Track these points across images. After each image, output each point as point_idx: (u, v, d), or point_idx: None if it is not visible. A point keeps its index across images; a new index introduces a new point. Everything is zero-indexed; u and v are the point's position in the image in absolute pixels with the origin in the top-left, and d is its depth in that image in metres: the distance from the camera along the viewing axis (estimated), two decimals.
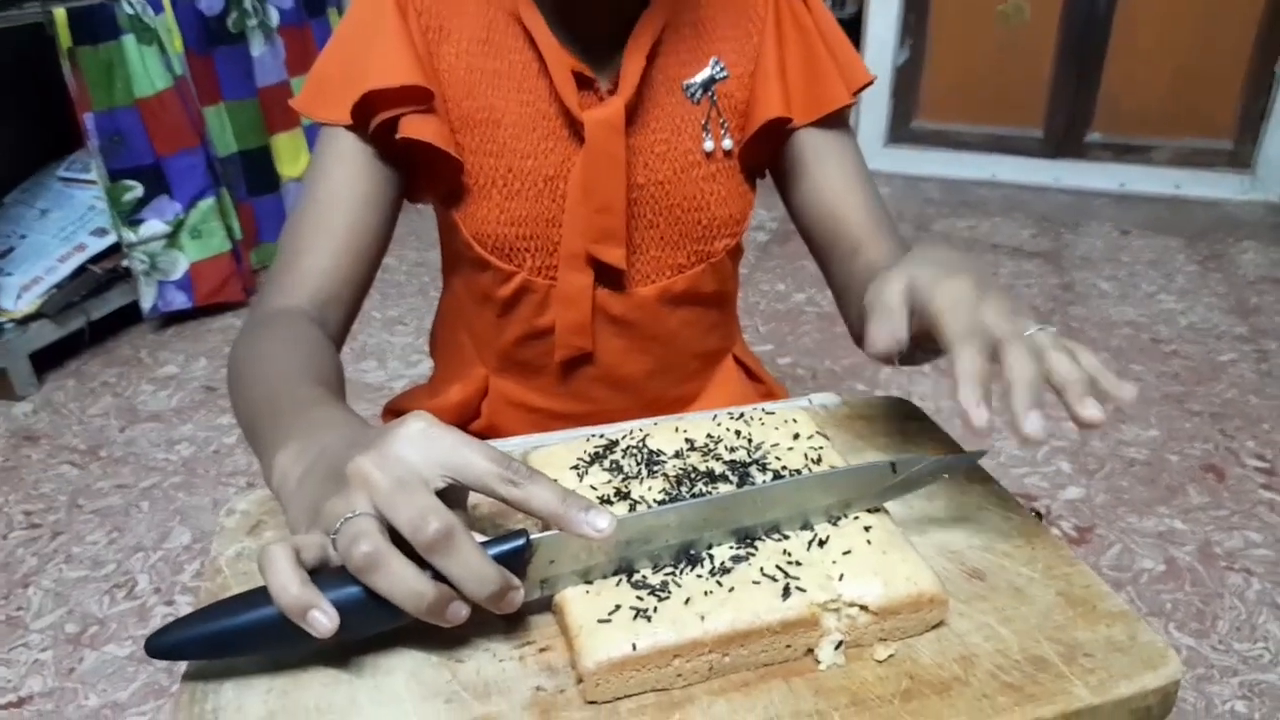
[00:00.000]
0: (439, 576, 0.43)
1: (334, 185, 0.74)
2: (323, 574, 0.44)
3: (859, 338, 0.75)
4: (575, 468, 0.57)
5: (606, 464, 0.57)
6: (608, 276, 0.79)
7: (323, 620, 0.42)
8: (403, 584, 0.42)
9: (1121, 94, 2.99)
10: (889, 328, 0.52)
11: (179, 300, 2.30)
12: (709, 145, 0.78)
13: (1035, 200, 3.05)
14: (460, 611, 0.44)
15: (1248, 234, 2.75)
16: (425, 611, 0.43)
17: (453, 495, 0.47)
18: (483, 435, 0.88)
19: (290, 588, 0.41)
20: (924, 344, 0.53)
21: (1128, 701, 0.45)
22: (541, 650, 0.47)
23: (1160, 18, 2.87)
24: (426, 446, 0.45)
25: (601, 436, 0.61)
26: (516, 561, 0.45)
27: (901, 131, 3.28)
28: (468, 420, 0.88)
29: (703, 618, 0.45)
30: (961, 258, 0.56)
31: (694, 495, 0.54)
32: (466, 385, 0.87)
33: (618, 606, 0.46)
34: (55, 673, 1.32)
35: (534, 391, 0.86)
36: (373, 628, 0.45)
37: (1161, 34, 2.88)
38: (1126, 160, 3.07)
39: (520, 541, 0.45)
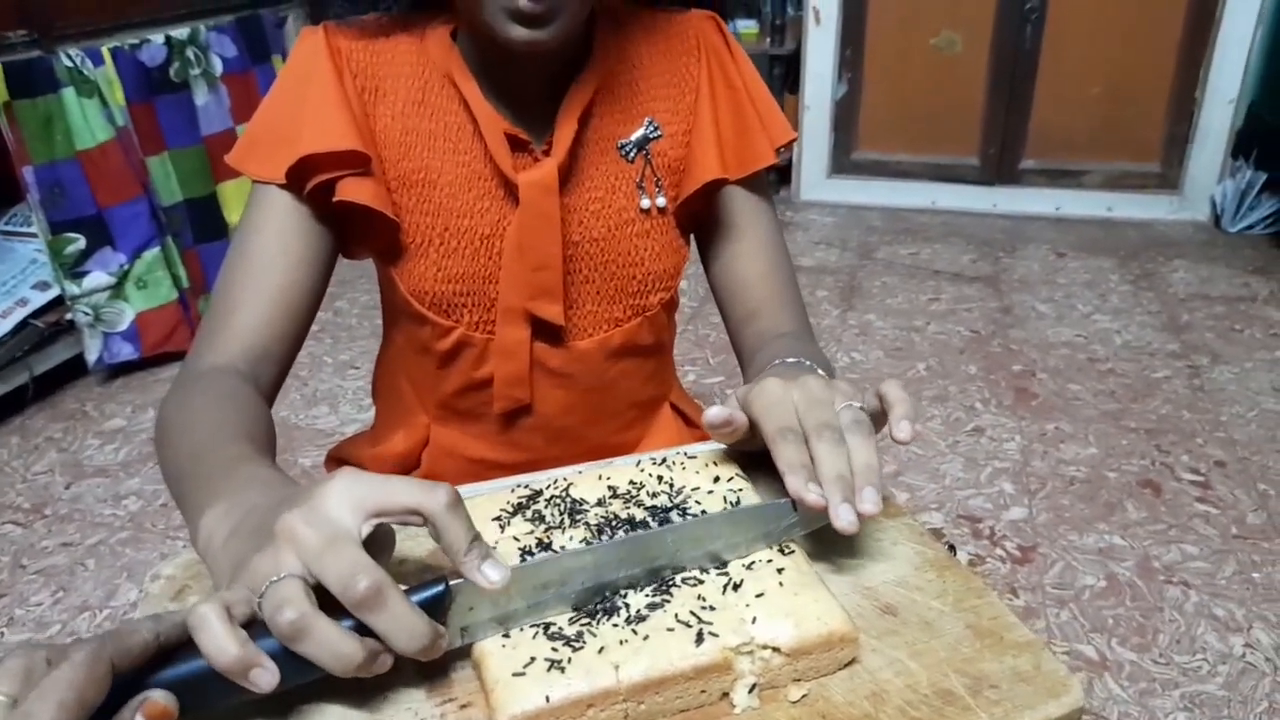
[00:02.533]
0: (364, 628, 0.44)
1: (266, 242, 0.74)
2: (251, 627, 0.44)
3: None
4: (498, 519, 0.58)
5: (529, 514, 0.59)
6: (545, 331, 0.80)
7: (265, 676, 0.42)
8: (330, 648, 0.43)
9: (1052, 121, 3.09)
10: (721, 412, 0.61)
11: (125, 351, 2.27)
12: (645, 203, 0.80)
13: (974, 225, 3.13)
14: (386, 662, 0.45)
15: (1177, 253, 2.85)
16: (353, 671, 0.44)
17: (378, 543, 0.48)
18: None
19: (229, 648, 0.41)
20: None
21: None
22: (463, 707, 0.48)
23: (1085, 47, 2.98)
24: (351, 496, 0.46)
25: (526, 487, 0.62)
26: (436, 609, 0.46)
27: (843, 162, 3.35)
28: (409, 469, 0.89)
29: (617, 667, 0.46)
30: (791, 372, 0.64)
31: None
32: (409, 434, 0.88)
33: (533, 659, 0.47)
34: None
35: (474, 440, 0.87)
36: (301, 678, 0.45)
37: (1087, 62, 2.99)
38: (1060, 185, 3.17)
39: (440, 588, 0.46)
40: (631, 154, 0.80)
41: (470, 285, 0.78)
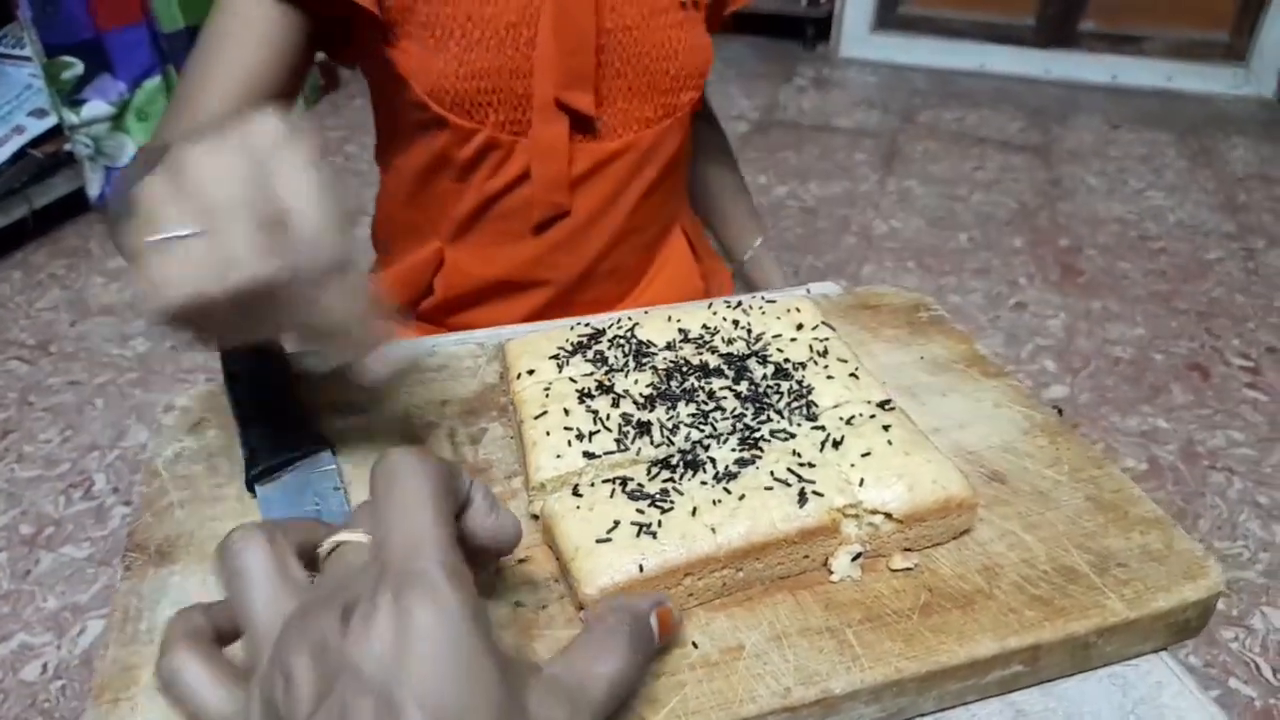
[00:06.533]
0: None
1: (243, 20, 0.68)
2: None
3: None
4: (555, 357, 0.51)
5: (590, 354, 0.52)
6: (580, 128, 0.75)
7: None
8: None
9: None
10: None
11: None
12: None
13: (1025, 92, 2.95)
14: None
15: (1238, 130, 2.69)
16: None
17: None
18: (437, 312, 0.84)
19: None
20: None
21: (1166, 615, 0.41)
22: (520, 561, 0.42)
23: None
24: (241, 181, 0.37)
25: (586, 325, 0.55)
26: None
27: (889, 17, 3.14)
28: (420, 294, 0.84)
29: (714, 530, 0.40)
30: None
31: (684, 390, 0.48)
32: (418, 258, 0.82)
33: (616, 523, 0.40)
34: (11, 575, 1.27)
35: (493, 260, 0.81)
36: None
37: None
38: (1119, 51, 2.97)
39: None
40: None
41: (495, 81, 0.71)
